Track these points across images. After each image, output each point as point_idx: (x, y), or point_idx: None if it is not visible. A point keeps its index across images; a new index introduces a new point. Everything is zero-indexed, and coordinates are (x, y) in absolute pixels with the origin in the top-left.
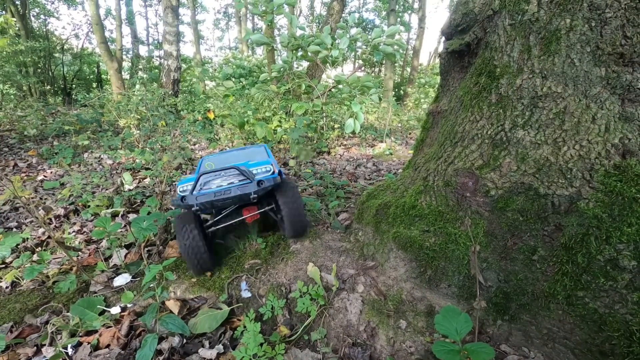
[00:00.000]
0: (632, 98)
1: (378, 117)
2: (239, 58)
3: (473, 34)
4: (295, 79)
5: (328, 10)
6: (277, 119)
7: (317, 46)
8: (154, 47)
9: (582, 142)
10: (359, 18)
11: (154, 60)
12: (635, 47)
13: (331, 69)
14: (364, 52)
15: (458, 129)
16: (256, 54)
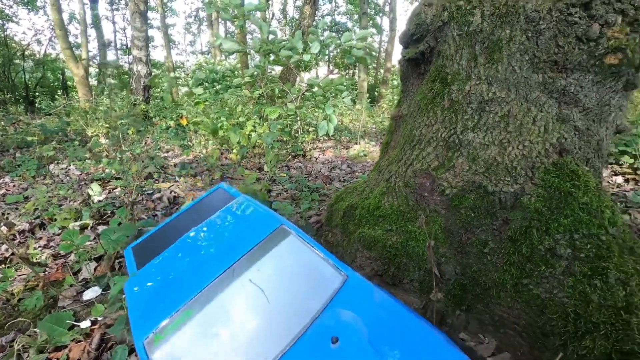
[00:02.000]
0: (567, 101)
1: (353, 119)
2: (211, 62)
3: (426, 43)
4: (268, 83)
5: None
6: (251, 124)
7: (288, 51)
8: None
9: (524, 143)
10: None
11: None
12: (567, 55)
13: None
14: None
15: (416, 132)
16: (230, 58)
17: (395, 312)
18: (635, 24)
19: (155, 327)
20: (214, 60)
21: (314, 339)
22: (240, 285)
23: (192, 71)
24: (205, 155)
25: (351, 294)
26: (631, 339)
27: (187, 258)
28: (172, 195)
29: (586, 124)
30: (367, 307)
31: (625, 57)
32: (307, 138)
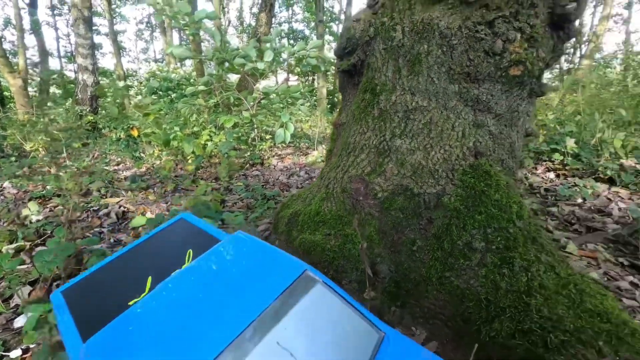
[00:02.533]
0: (481, 108)
1: (311, 125)
2: (165, 70)
3: (357, 56)
4: (223, 91)
5: (256, 21)
6: (207, 133)
7: (242, 59)
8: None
9: (445, 147)
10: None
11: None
12: (477, 67)
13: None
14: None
15: (351, 140)
16: (185, 65)
17: None
18: (531, 40)
19: None
20: (168, 68)
21: None
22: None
23: (145, 79)
24: (158, 167)
25: (390, 354)
26: (530, 319)
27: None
28: (122, 211)
29: (499, 129)
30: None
31: (526, 69)
32: (264, 146)
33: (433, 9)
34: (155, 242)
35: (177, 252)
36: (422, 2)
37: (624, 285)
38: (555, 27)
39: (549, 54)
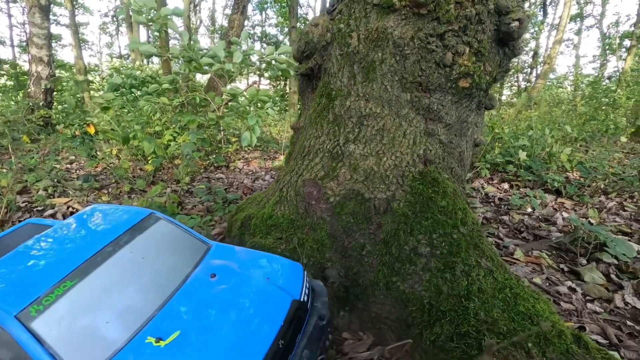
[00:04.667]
0: (431, 117)
1: (280, 129)
2: (129, 67)
3: (314, 60)
4: (189, 91)
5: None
6: (170, 133)
7: (210, 59)
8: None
9: (396, 154)
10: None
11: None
12: (429, 77)
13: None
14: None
15: (306, 143)
16: (153, 63)
17: (249, 251)
18: (479, 54)
19: (26, 302)
20: (133, 65)
21: (198, 279)
22: (118, 260)
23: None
24: (114, 166)
25: (217, 252)
26: (468, 322)
27: (42, 256)
28: (70, 211)
29: (449, 138)
30: (230, 255)
31: (474, 82)
32: (230, 149)
33: (387, 18)
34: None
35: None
36: (377, 11)
37: (563, 289)
38: (501, 43)
39: (495, 68)
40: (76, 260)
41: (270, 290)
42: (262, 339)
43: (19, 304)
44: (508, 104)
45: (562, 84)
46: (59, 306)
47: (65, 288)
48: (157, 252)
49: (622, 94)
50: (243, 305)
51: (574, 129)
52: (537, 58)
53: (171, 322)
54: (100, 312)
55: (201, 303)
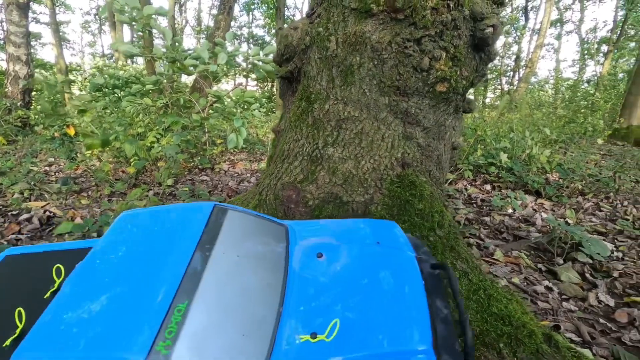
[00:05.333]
0: (410, 121)
1: (267, 131)
2: (112, 67)
3: (294, 63)
4: (173, 92)
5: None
6: (153, 135)
7: (194, 60)
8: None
9: (375, 157)
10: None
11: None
12: (407, 82)
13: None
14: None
15: (285, 147)
16: (137, 63)
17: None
18: (455, 59)
19: (149, 342)
20: (116, 65)
21: (307, 264)
22: (216, 267)
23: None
24: (95, 168)
25: (299, 231)
26: None
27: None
28: (47, 215)
29: (427, 141)
30: (318, 231)
31: (451, 86)
32: (215, 151)
33: (365, 22)
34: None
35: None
36: (355, 15)
37: (540, 289)
38: (476, 49)
39: (472, 73)
40: (170, 280)
41: (390, 254)
42: (417, 304)
43: (142, 347)
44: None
45: (544, 87)
46: (185, 334)
47: (180, 313)
48: (247, 245)
49: (600, 97)
50: (376, 275)
51: (553, 132)
52: (519, 62)
53: (312, 314)
54: (230, 327)
55: (330, 286)
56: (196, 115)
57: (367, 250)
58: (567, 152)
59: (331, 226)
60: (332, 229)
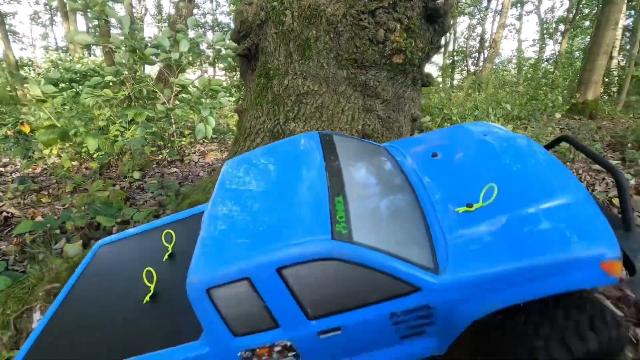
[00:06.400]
0: (369, 94)
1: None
2: (67, 60)
3: (250, 40)
4: (135, 83)
5: (176, 11)
6: (116, 128)
7: (154, 49)
8: None
9: (336, 130)
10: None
11: None
12: (363, 54)
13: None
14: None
15: (247, 125)
16: (95, 55)
17: (431, 133)
18: (409, 30)
19: (327, 226)
20: (72, 57)
21: (425, 163)
22: (350, 170)
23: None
24: (55, 165)
25: (399, 146)
26: None
27: (263, 196)
28: (3, 217)
29: (387, 113)
30: (416, 141)
31: (406, 58)
32: (184, 142)
33: None
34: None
35: None
36: None
37: None
38: (430, 20)
39: (427, 45)
40: (318, 183)
41: (503, 138)
42: (556, 166)
43: (325, 230)
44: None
45: (507, 67)
46: (354, 218)
47: (341, 204)
48: (363, 155)
49: (559, 74)
50: (499, 156)
51: (515, 108)
52: (483, 43)
53: (454, 192)
54: (384, 212)
55: (458, 171)
56: (161, 106)
57: (478, 141)
58: (528, 127)
59: (430, 136)
60: (432, 138)
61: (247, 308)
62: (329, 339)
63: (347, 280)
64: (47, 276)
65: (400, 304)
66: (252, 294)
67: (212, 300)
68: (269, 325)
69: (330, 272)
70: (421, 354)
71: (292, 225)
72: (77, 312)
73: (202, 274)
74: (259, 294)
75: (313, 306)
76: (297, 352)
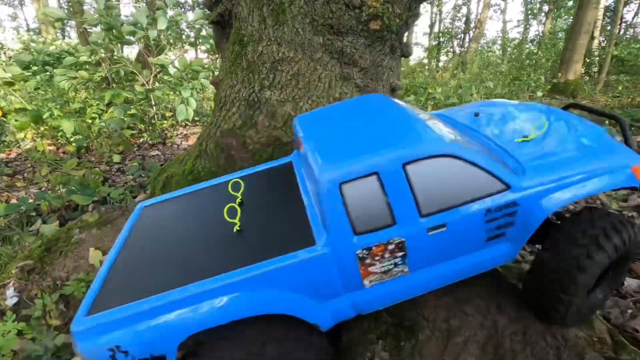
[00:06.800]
0: (346, 61)
1: None
2: (40, 42)
3: (223, 5)
4: (112, 64)
5: None
6: (93, 111)
7: (131, 26)
8: None
9: (312, 98)
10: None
11: None
12: (340, 20)
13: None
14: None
15: (222, 94)
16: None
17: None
18: None
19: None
20: (45, 39)
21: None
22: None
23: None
24: (30, 149)
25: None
26: None
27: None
28: None
29: (364, 82)
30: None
31: (384, 24)
32: (166, 124)
33: None
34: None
35: None
36: None
37: None
38: None
39: (405, 11)
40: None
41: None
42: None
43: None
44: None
45: (492, 48)
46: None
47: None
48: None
49: (542, 55)
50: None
51: (497, 86)
52: (469, 23)
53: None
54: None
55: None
56: (140, 87)
57: (513, 105)
58: None
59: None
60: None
61: (371, 204)
62: (434, 237)
63: (456, 178)
64: (20, 254)
65: (495, 201)
66: (378, 189)
67: (342, 196)
68: (387, 222)
69: (445, 169)
70: (497, 260)
71: (408, 134)
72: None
73: (335, 170)
74: (384, 189)
75: (425, 203)
76: (405, 252)
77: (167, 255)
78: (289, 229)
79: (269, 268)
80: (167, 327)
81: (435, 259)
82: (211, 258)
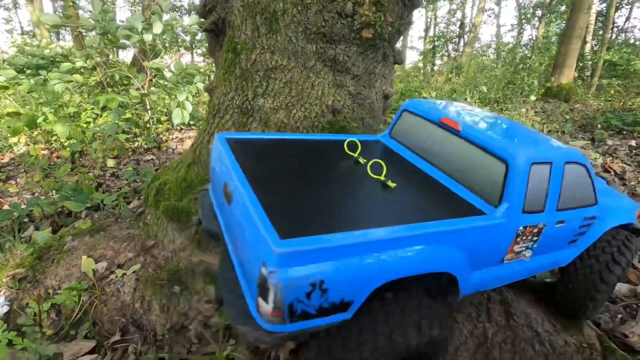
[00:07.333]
0: (339, 69)
1: None
2: (34, 45)
3: (217, 13)
4: (107, 68)
5: None
6: (88, 115)
7: (126, 30)
8: None
9: (305, 105)
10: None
11: None
12: (332, 28)
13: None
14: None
15: (216, 102)
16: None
17: None
18: (378, 4)
19: None
20: (40, 43)
21: None
22: None
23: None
24: (23, 154)
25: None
26: None
27: None
28: None
29: (357, 89)
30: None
31: (376, 32)
32: (161, 128)
33: None
34: None
35: None
36: None
37: None
38: None
39: (397, 19)
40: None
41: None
42: None
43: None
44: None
45: (486, 52)
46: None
47: None
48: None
49: (536, 59)
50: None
51: (491, 91)
52: (464, 27)
53: None
54: None
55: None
56: (135, 92)
57: None
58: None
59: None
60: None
61: (537, 188)
62: (557, 230)
63: (578, 185)
64: (11, 262)
65: (588, 211)
66: (546, 177)
67: (528, 174)
68: (540, 207)
69: (575, 175)
70: (563, 262)
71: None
72: (283, 192)
73: (529, 152)
74: (549, 178)
75: (562, 200)
76: (539, 238)
77: (312, 196)
78: (433, 196)
79: (453, 227)
80: (371, 268)
81: (547, 249)
82: (368, 208)
